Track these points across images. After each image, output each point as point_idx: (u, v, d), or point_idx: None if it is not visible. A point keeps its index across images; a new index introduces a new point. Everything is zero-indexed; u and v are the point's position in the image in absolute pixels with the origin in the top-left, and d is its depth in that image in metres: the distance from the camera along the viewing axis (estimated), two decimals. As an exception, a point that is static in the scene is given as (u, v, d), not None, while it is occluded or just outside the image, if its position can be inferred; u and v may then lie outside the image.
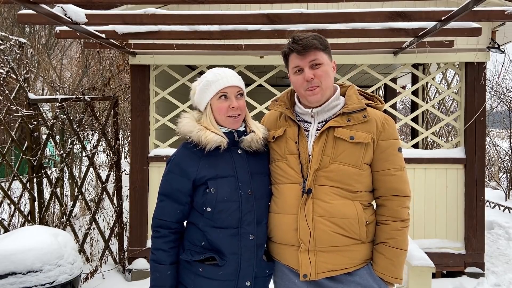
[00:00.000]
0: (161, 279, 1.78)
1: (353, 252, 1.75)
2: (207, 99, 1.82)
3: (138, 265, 4.68)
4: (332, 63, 1.84)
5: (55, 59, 8.90)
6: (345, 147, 1.75)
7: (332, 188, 1.74)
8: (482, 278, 4.49)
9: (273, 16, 3.31)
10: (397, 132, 1.84)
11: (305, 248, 1.73)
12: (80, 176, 7.17)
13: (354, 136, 1.74)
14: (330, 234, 1.72)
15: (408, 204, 1.81)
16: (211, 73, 1.85)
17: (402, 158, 1.82)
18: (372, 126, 1.78)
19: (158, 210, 1.83)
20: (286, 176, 1.82)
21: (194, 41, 4.39)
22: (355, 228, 1.73)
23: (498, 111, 11.34)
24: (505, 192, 9.21)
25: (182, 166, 1.79)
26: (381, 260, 1.76)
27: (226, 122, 1.83)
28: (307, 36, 1.77)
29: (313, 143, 1.78)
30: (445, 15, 3.26)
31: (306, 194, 1.74)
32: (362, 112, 1.79)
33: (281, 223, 1.80)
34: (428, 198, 4.68)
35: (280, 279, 1.87)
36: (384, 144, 1.78)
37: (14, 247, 3.02)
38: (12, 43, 5.36)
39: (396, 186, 1.78)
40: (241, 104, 1.84)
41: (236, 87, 1.83)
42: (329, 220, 1.72)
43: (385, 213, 1.79)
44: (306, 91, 1.79)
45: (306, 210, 1.73)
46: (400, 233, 1.76)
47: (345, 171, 1.74)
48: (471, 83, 4.66)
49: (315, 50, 1.76)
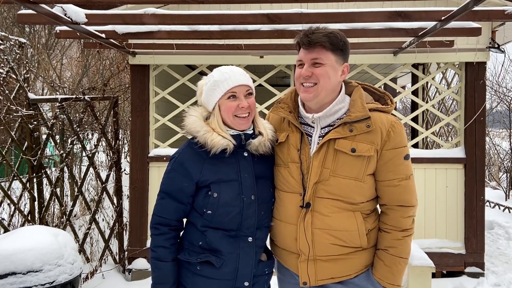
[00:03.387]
0: (164, 276, 1.76)
1: (354, 260, 1.73)
2: (215, 100, 1.76)
3: (138, 265, 4.69)
4: (343, 66, 1.72)
5: (55, 59, 8.89)
6: (346, 160, 1.67)
7: (332, 201, 1.70)
8: (482, 278, 4.49)
9: (273, 16, 3.31)
10: (405, 138, 1.72)
11: (305, 258, 1.72)
12: (80, 176, 7.16)
13: (356, 148, 1.66)
14: (330, 246, 1.70)
15: (412, 213, 1.76)
16: (219, 72, 1.78)
17: (408, 167, 1.73)
18: (376, 137, 1.67)
19: (158, 207, 1.80)
20: (287, 184, 1.78)
21: (194, 41, 4.39)
22: (356, 239, 1.71)
23: (498, 111, 11.35)
24: (505, 192, 9.21)
25: (186, 166, 1.75)
26: (380, 266, 1.74)
27: (235, 123, 1.76)
28: (321, 31, 1.67)
29: (313, 156, 1.71)
30: (445, 15, 3.26)
31: (305, 208, 1.71)
32: (366, 121, 1.67)
33: (282, 231, 1.80)
34: (428, 198, 4.68)
35: (284, 275, 1.90)
36: (388, 154, 1.68)
37: (14, 247, 3.02)
38: (12, 43, 5.35)
39: (399, 197, 1.72)
40: (251, 103, 1.79)
41: (245, 86, 1.78)
42: (328, 233, 1.69)
43: (387, 221, 1.75)
44: (301, 87, 1.72)
45: (306, 223, 1.71)
46: (400, 242, 1.72)
47: (346, 184, 1.68)
48: (471, 83, 4.66)
49: (321, 48, 1.66)
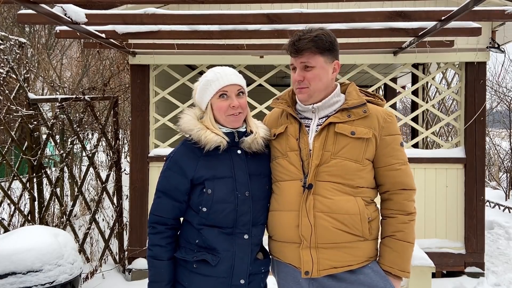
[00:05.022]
0: (159, 274, 1.79)
1: (355, 249, 1.74)
2: (208, 99, 1.81)
3: (138, 265, 4.68)
4: (334, 64, 1.81)
5: (55, 59, 8.88)
6: (346, 142, 1.74)
7: (334, 184, 1.73)
8: (482, 278, 4.49)
9: (273, 16, 3.31)
10: (398, 127, 1.84)
11: (307, 244, 1.72)
12: (80, 176, 7.17)
13: (355, 131, 1.74)
14: (332, 230, 1.71)
15: (414, 198, 1.83)
16: (211, 72, 1.83)
17: (404, 153, 1.83)
18: (373, 122, 1.77)
19: (155, 206, 1.83)
20: (287, 172, 1.81)
21: (194, 41, 4.39)
22: (357, 225, 1.72)
23: (498, 111, 11.35)
24: (505, 192, 9.21)
25: (181, 164, 1.79)
26: (388, 253, 1.76)
27: (227, 121, 1.81)
28: (307, 37, 1.74)
29: (314, 139, 1.77)
30: (445, 15, 3.26)
31: (307, 189, 1.73)
32: (362, 107, 1.78)
33: (282, 220, 1.80)
34: (428, 198, 4.68)
35: (284, 280, 1.86)
36: (387, 139, 1.78)
37: (14, 247, 3.02)
38: (12, 43, 5.35)
39: (402, 180, 1.79)
40: (242, 103, 1.82)
41: (236, 86, 1.81)
42: (330, 216, 1.71)
43: (392, 206, 1.80)
44: (297, 89, 1.83)
45: (308, 206, 1.72)
46: (407, 226, 1.78)
47: (346, 166, 1.73)
48: (471, 83, 4.66)
49: (309, 53, 1.75)
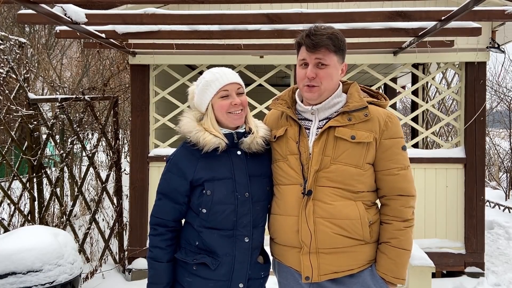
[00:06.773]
0: (158, 276, 1.80)
1: (356, 253, 1.72)
2: (208, 99, 1.80)
3: (138, 265, 4.68)
4: (343, 66, 1.80)
5: (55, 59, 8.89)
6: (346, 147, 1.71)
7: (333, 189, 1.71)
8: (482, 278, 4.49)
9: (273, 16, 3.31)
10: (401, 130, 1.80)
11: (307, 250, 1.71)
12: (80, 176, 7.16)
13: (355, 135, 1.70)
14: (332, 235, 1.69)
15: (412, 204, 1.78)
16: (209, 73, 1.83)
17: (406, 157, 1.78)
18: (374, 125, 1.73)
19: (155, 208, 1.84)
20: (287, 177, 1.79)
21: (194, 41, 4.39)
22: (358, 229, 1.70)
23: (498, 111, 11.33)
24: (505, 192, 9.21)
25: (180, 166, 1.79)
26: (384, 260, 1.73)
27: (229, 120, 1.80)
28: (323, 33, 1.71)
29: (313, 143, 1.74)
30: (445, 15, 3.26)
31: (306, 196, 1.71)
32: (364, 111, 1.74)
33: (283, 224, 1.78)
34: (428, 198, 4.68)
35: (285, 279, 1.85)
36: (387, 143, 1.73)
37: (14, 247, 3.02)
38: (12, 43, 5.36)
39: (400, 186, 1.75)
40: (243, 100, 1.82)
41: (235, 84, 1.82)
42: (330, 221, 1.69)
43: (388, 212, 1.76)
44: (304, 87, 1.77)
45: (307, 212, 1.70)
46: (403, 233, 1.73)
47: (346, 171, 1.70)
48: (471, 83, 4.66)
49: (325, 50, 1.71)
